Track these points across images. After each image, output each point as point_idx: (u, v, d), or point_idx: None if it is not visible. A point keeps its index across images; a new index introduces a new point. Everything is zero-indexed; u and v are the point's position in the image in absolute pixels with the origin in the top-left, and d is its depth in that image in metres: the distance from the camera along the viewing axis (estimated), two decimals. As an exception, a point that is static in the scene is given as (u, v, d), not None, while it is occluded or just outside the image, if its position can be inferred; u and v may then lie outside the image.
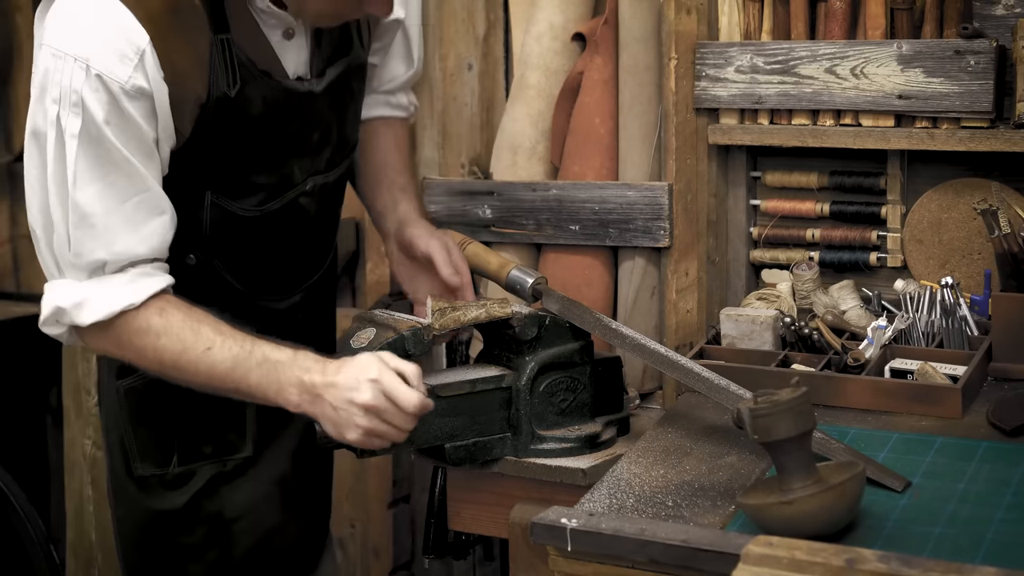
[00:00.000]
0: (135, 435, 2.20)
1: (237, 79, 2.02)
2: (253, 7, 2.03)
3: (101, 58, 1.90)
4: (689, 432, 2.13)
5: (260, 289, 2.22)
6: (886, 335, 2.23)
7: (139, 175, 1.97)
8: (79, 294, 1.99)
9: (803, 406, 1.75)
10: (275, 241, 2.20)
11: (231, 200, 2.11)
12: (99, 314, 1.99)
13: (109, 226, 1.97)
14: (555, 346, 2.21)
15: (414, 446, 2.13)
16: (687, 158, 2.45)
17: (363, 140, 2.39)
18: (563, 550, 1.82)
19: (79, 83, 1.90)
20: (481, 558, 3.05)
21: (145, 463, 2.21)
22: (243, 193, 2.12)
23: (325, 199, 2.26)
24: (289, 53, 2.10)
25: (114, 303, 1.99)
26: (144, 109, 1.95)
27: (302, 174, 2.18)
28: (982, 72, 2.23)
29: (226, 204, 2.11)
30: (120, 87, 1.91)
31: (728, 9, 2.47)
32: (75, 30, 1.92)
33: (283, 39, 2.09)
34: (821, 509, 1.71)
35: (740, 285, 2.58)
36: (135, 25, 1.91)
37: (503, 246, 2.62)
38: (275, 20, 2.05)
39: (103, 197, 1.96)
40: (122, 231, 1.98)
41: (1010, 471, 1.87)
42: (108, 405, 2.22)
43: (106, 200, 1.96)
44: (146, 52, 1.92)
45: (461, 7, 3.01)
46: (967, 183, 2.40)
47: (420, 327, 2.09)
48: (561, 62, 2.64)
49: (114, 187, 1.96)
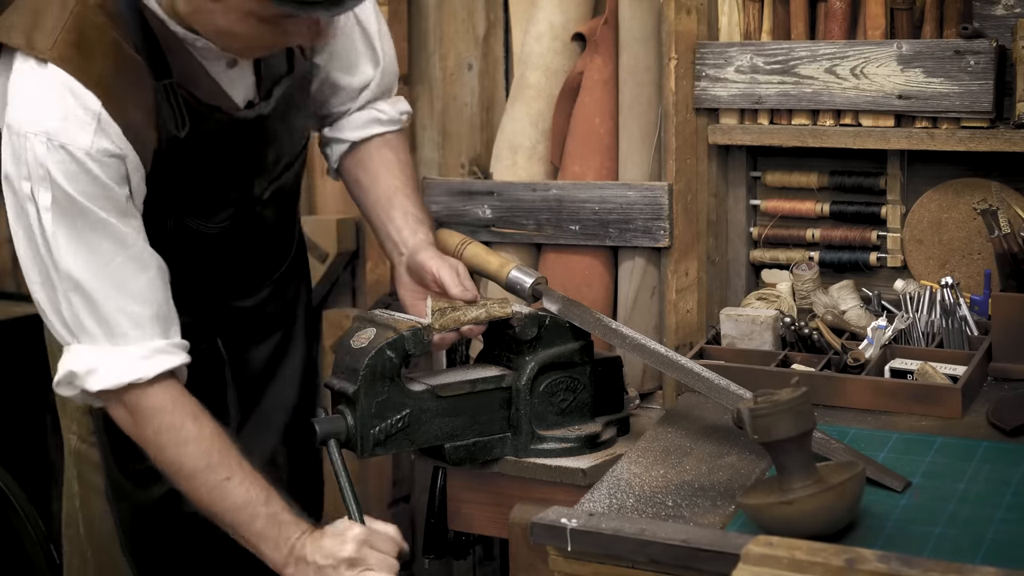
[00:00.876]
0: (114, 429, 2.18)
1: (185, 120, 2.05)
2: (191, 46, 2.04)
3: (60, 129, 1.94)
4: (689, 432, 2.13)
5: (228, 292, 2.26)
6: (886, 335, 2.23)
7: (119, 235, 2.00)
8: (91, 361, 2.01)
9: (803, 406, 1.75)
10: (238, 250, 2.23)
11: (195, 219, 2.14)
12: (107, 382, 2.01)
13: (98, 288, 1.99)
14: (555, 346, 2.21)
15: (414, 446, 2.13)
16: (687, 158, 2.45)
17: (364, 163, 2.40)
18: (563, 550, 1.82)
19: (43, 156, 1.94)
20: (481, 558, 3.05)
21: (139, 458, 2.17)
22: (205, 214, 2.16)
23: (282, 201, 2.30)
24: (235, 82, 2.12)
25: (124, 374, 2.01)
26: (113, 170, 1.97)
27: (261, 189, 2.22)
28: (982, 72, 2.23)
29: (190, 223, 2.14)
30: (85, 153, 1.94)
31: (728, 9, 2.47)
32: (31, 107, 1.95)
33: (227, 69, 2.10)
34: (821, 509, 1.71)
35: (740, 285, 2.58)
36: (83, 91, 1.94)
37: (503, 246, 2.62)
38: (214, 54, 2.06)
39: (88, 263, 1.98)
40: (112, 292, 2.00)
41: (1010, 471, 1.88)
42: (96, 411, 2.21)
43: (91, 265, 1.99)
44: (101, 115, 1.95)
45: (461, 7, 3.01)
46: (967, 183, 2.40)
47: (420, 327, 2.09)
48: (561, 62, 2.64)
49: (96, 252, 1.98)
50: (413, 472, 3.23)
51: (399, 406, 2.08)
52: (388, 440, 2.08)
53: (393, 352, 2.06)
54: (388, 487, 3.22)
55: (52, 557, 2.96)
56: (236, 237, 2.21)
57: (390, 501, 3.23)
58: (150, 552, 2.28)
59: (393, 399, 2.07)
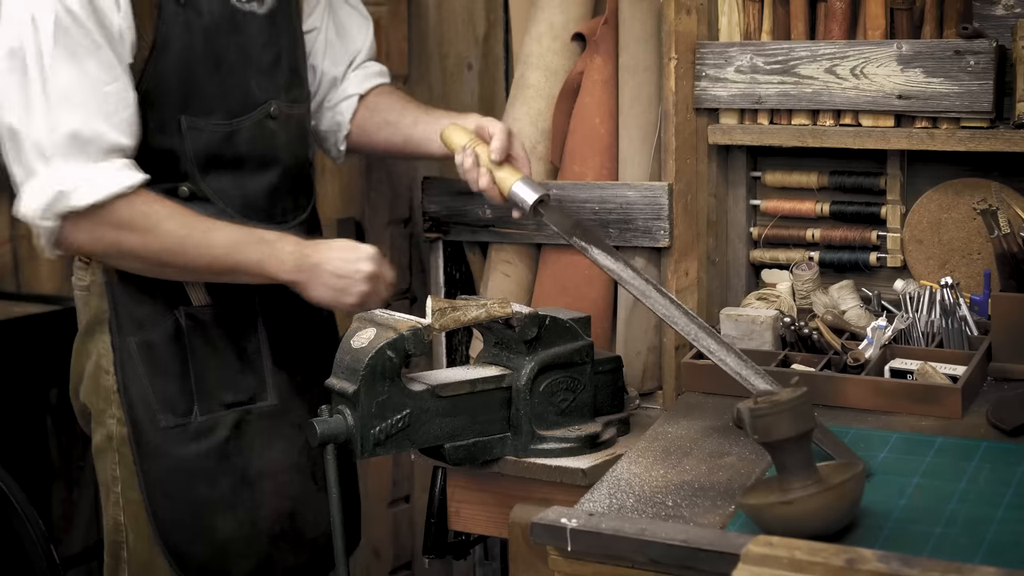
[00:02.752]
0: (153, 387, 2.27)
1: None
2: None
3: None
4: (689, 432, 2.13)
5: (253, 217, 2.32)
6: (886, 335, 2.23)
7: (111, 63, 2.13)
8: (73, 179, 2.11)
9: (803, 406, 1.75)
10: (254, 165, 2.33)
11: (203, 118, 2.24)
12: (97, 195, 2.12)
13: (86, 105, 2.11)
14: (555, 346, 2.21)
15: (414, 446, 2.13)
16: (687, 158, 2.45)
17: (381, 105, 2.55)
18: (563, 550, 1.82)
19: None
20: (481, 558, 3.05)
21: (167, 414, 2.28)
22: (211, 108, 2.25)
23: (291, 132, 2.39)
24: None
25: (110, 185, 2.13)
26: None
27: (262, 94, 2.32)
28: (982, 72, 2.23)
29: (200, 124, 2.24)
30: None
31: (728, 9, 2.47)
32: None
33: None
34: (821, 509, 1.71)
35: (740, 285, 2.58)
36: None
37: (503, 246, 2.62)
38: None
39: (80, 83, 2.11)
40: (98, 115, 2.12)
41: (1010, 471, 1.88)
42: (124, 364, 2.28)
43: (83, 85, 2.11)
44: None
45: (461, 7, 3.01)
46: (967, 183, 2.40)
47: (420, 327, 2.09)
48: (561, 62, 2.64)
49: (88, 75, 2.11)
50: (413, 472, 3.23)
51: (399, 406, 2.08)
52: (388, 440, 2.08)
53: (393, 352, 2.06)
54: (388, 487, 3.23)
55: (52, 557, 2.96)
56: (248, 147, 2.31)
57: (390, 501, 3.23)
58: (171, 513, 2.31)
59: (393, 399, 2.07)
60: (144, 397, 2.27)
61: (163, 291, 2.28)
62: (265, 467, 2.35)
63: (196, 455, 2.29)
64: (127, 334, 2.28)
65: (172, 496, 2.29)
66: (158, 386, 2.28)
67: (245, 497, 2.33)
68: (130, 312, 2.28)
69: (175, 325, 2.29)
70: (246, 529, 2.34)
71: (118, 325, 2.28)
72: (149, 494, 2.29)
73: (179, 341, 2.29)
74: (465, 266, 2.89)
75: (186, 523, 2.31)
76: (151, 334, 2.28)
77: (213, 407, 2.30)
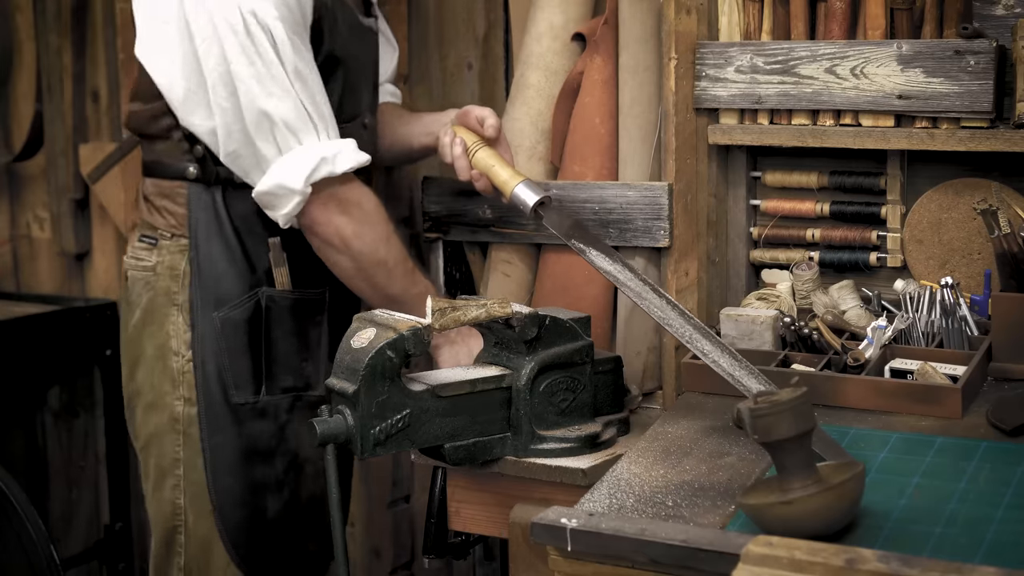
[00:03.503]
0: (231, 363, 2.36)
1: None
2: None
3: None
4: (689, 432, 2.13)
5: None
6: (886, 335, 2.23)
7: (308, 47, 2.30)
8: (332, 147, 2.28)
9: (803, 406, 1.75)
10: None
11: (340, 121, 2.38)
12: (355, 160, 2.29)
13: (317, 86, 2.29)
14: (555, 346, 2.21)
15: (414, 446, 2.13)
16: (687, 158, 2.45)
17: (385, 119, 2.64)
18: (563, 550, 1.82)
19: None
20: (481, 558, 3.05)
21: (240, 390, 2.37)
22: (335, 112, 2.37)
23: (370, 145, 2.49)
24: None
25: (358, 156, 2.31)
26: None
27: (362, 104, 2.47)
28: (982, 72, 2.23)
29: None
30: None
31: (728, 9, 2.47)
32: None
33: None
34: (821, 509, 1.71)
35: (740, 285, 2.58)
36: None
37: (503, 246, 2.63)
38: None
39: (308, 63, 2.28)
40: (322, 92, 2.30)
41: (1010, 471, 1.88)
42: (204, 339, 2.35)
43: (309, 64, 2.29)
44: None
45: (461, 7, 3.01)
46: (967, 183, 2.40)
47: (420, 327, 2.09)
48: (561, 62, 2.64)
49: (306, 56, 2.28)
50: (413, 472, 3.23)
51: (399, 406, 2.08)
52: (388, 440, 2.08)
53: (393, 352, 2.06)
54: (388, 487, 3.23)
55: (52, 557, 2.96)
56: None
57: (390, 501, 3.23)
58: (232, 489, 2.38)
59: (393, 399, 2.07)
60: (219, 373, 2.35)
61: (247, 270, 2.37)
62: (308, 453, 2.44)
63: (260, 433, 2.38)
64: (209, 310, 2.35)
65: (234, 474, 2.37)
66: (234, 363, 2.36)
67: (291, 479, 2.42)
68: (213, 288, 2.35)
69: (256, 305, 2.37)
70: (290, 511, 2.43)
71: (201, 301, 2.35)
72: (214, 471, 2.36)
73: (258, 321, 2.37)
74: (465, 266, 2.89)
75: (244, 502, 2.38)
76: (235, 311, 2.36)
77: (275, 390, 2.40)
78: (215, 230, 2.37)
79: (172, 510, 2.40)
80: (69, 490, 3.68)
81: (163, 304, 2.39)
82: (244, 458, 2.38)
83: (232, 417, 2.37)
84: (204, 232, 2.37)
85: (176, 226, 2.39)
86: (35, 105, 3.60)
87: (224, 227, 2.37)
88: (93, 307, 3.52)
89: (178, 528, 2.40)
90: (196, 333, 2.36)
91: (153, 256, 2.40)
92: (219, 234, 2.37)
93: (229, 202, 2.37)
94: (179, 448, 2.38)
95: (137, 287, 2.43)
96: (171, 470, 2.39)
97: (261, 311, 2.38)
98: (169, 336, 2.38)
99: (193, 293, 2.36)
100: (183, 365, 2.37)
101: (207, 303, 2.36)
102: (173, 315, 2.38)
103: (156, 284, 2.39)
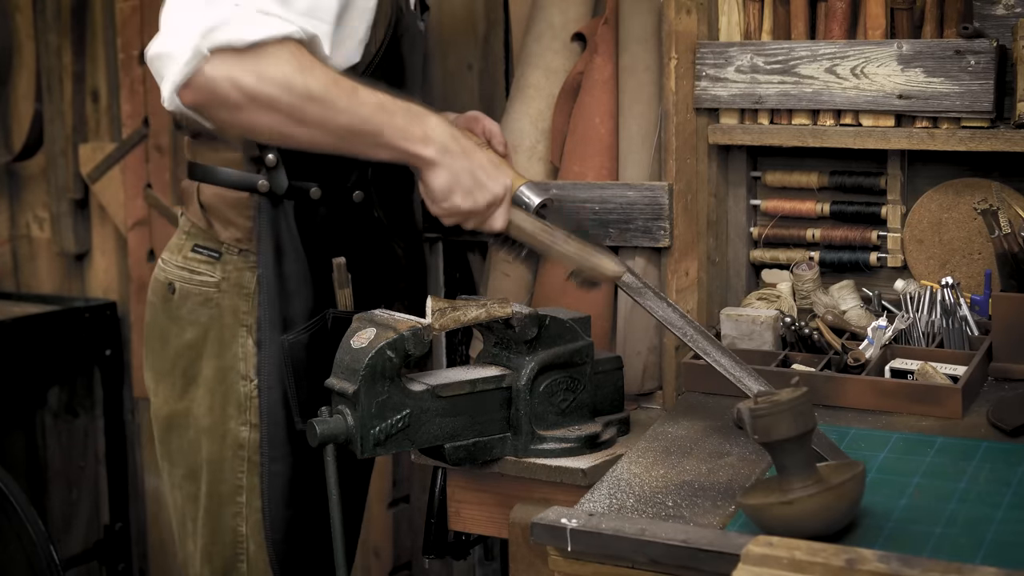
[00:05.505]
0: (298, 389, 2.23)
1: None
2: None
3: None
4: (689, 432, 2.13)
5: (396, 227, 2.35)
6: (886, 335, 2.23)
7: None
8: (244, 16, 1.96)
9: (803, 406, 1.75)
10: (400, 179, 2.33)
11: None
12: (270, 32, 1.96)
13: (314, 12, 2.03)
14: (555, 346, 2.21)
15: (414, 446, 2.13)
16: (687, 158, 2.45)
17: None
18: (563, 550, 1.82)
19: None
20: (481, 558, 3.05)
21: (306, 417, 2.22)
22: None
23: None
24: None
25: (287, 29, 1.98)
26: None
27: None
28: (982, 72, 2.23)
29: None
30: None
31: (728, 9, 2.47)
32: None
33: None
34: (821, 509, 1.71)
35: (740, 285, 2.58)
36: None
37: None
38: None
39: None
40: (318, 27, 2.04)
41: (1010, 471, 1.88)
42: (269, 363, 2.22)
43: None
44: None
45: (461, 7, 3.01)
46: (967, 183, 2.40)
47: (420, 327, 2.09)
48: (561, 62, 2.64)
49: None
50: (413, 472, 3.23)
51: (399, 406, 2.08)
52: (388, 440, 2.08)
53: (393, 352, 2.06)
54: (388, 487, 3.23)
55: (52, 557, 2.96)
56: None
57: (390, 501, 3.24)
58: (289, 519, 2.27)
59: (393, 399, 2.07)
60: (284, 399, 2.23)
61: (314, 292, 2.24)
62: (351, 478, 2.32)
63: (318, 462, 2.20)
64: (277, 333, 2.22)
65: (291, 503, 2.26)
66: (300, 388, 2.23)
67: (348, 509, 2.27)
68: (282, 310, 2.22)
69: (322, 327, 2.24)
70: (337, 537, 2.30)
71: (269, 324, 2.22)
72: (271, 499, 2.25)
73: (323, 344, 2.22)
74: (465, 266, 2.89)
75: (298, 531, 2.28)
76: (302, 334, 2.24)
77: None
78: (285, 248, 2.22)
79: (233, 538, 2.29)
80: (69, 490, 3.68)
81: (230, 324, 2.25)
82: (303, 484, 2.26)
83: (292, 446, 2.24)
84: (273, 249, 2.21)
85: (243, 240, 2.24)
86: (35, 105, 3.60)
87: (295, 245, 2.22)
88: (93, 307, 3.53)
89: (240, 556, 2.29)
90: (263, 356, 2.22)
91: (216, 271, 2.25)
92: (289, 252, 2.22)
93: (299, 218, 2.22)
94: (242, 475, 2.26)
95: (191, 303, 2.27)
96: (232, 497, 2.27)
97: (326, 333, 2.23)
98: (237, 359, 2.24)
99: (261, 314, 2.22)
100: (251, 389, 2.24)
101: (275, 325, 2.22)
102: (242, 337, 2.24)
103: (221, 302, 2.25)
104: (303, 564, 2.30)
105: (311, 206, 2.23)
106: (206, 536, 2.32)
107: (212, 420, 2.27)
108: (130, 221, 3.51)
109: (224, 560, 2.31)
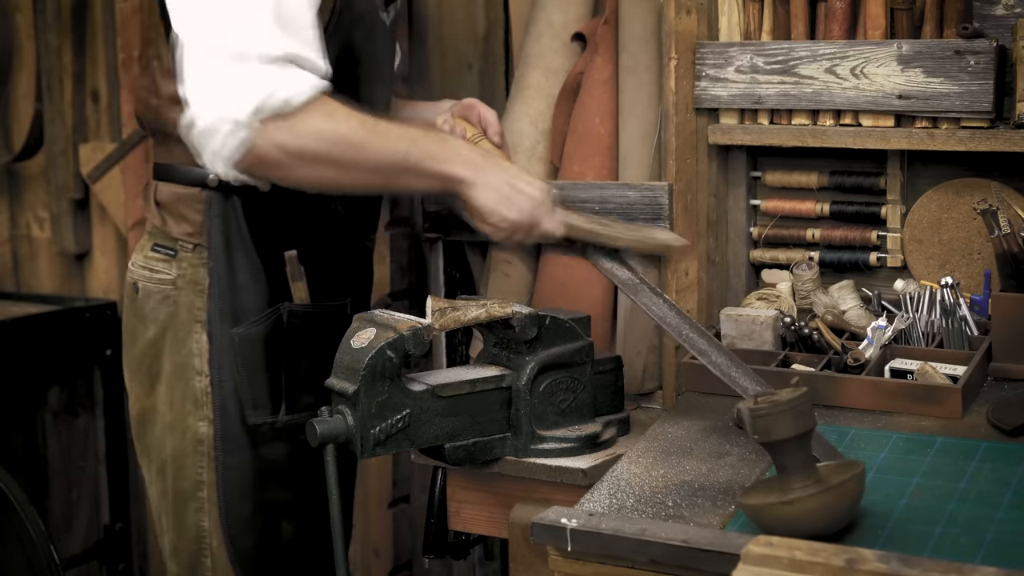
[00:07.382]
0: (249, 382, 2.24)
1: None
2: None
3: None
4: (689, 432, 2.13)
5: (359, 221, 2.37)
6: (886, 335, 2.23)
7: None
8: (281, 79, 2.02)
9: (803, 406, 1.75)
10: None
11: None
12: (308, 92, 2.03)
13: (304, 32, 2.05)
14: (555, 346, 2.21)
15: (414, 446, 2.13)
16: (687, 158, 2.45)
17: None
18: (563, 550, 1.82)
19: None
20: (481, 558, 3.05)
21: (257, 410, 2.24)
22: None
23: None
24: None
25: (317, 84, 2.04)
26: None
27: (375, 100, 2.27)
28: (982, 72, 2.23)
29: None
30: None
31: (728, 9, 2.47)
32: None
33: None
34: (821, 509, 1.71)
35: (740, 285, 2.58)
36: None
37: (503, 246, 2.62)
38: None
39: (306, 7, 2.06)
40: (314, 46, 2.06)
41: (1010, 471, 1.88)
42: (220, 357, 2.23)
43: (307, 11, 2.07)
44: None
45: (461, 7, 3.01)
46: (967, 183, 2.40)
47: (420, 327, 2.09)
48: (561, 62, 2.64)
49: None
50: (413, 472, 3.23)
51: (399, 406, 2.08)
52: (388, 440, 2.08)
53: (393, 352, 2.06)
54: (388, 487, 3.23)
55: (52, 557, 2.96)
56: None
57: (390, 501, 3.23)
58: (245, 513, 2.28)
59: (393, 399, 2.07)
60: (236, 392, 2.24)
61: (267, 285, 2.25)
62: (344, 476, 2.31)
63: (279, 455, 2.27)
64: (228, 326, 2.23)
65: (248, 496, 2.27)
66: (251, 381, 2.24)
67: (309, 502, 2.30)
68: (232, 304, 2.23)
69: (277, 320, 2.25)
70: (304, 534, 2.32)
71: (219, 317, 2.23)
72: (225, 493, 2.25)
73: (278, 337, 2.24)
74: (465, 266, 2.89)
75: (256, 525, 2.28)
76: (254, 327, 2.24)
77: (298, 407, 2.27)
78: (235, 241, 2.23)
79: (196, 534, 2.30)
80: (69, 490, 3.68)
81: (186, 321, 2.26)
82: (261, 479, 2.27)
83: (247, 439, 2.25)
84: (223, 243, 2.22)
85: (194, 235, 2.25)
86: (35, 105, 3.60)
87: (244, 238, 2.23)
88: (93, 307, 3.52)
89: (204, 551, 2.30)
90: (215, 350, 2.23)
91: (172, 269, 2.27)
92: (239, 246, 2.23)
93: (248, 211, 2.23)
94: (202, 470, 2.27)
95: (152, 301, 2.29)
96: (194, 492, 2.29)
97: (282, 327, 2.25)
98: (192, 355, 2.26)
99: (211, 308, 2.23)
100: (207, 384, 2.25)
101: (225, 319, 2.23)
102: (197, 332, 2.25)
103: (178, 299, 2.26)
104: (264, 559, 2.30)
105: (261, 199, 2.23)
106: (172, 531, 2.34)
107: (173, 416, 2.29)
108: (130, 221, 3.51)
109: (189, 555, 2.32)
